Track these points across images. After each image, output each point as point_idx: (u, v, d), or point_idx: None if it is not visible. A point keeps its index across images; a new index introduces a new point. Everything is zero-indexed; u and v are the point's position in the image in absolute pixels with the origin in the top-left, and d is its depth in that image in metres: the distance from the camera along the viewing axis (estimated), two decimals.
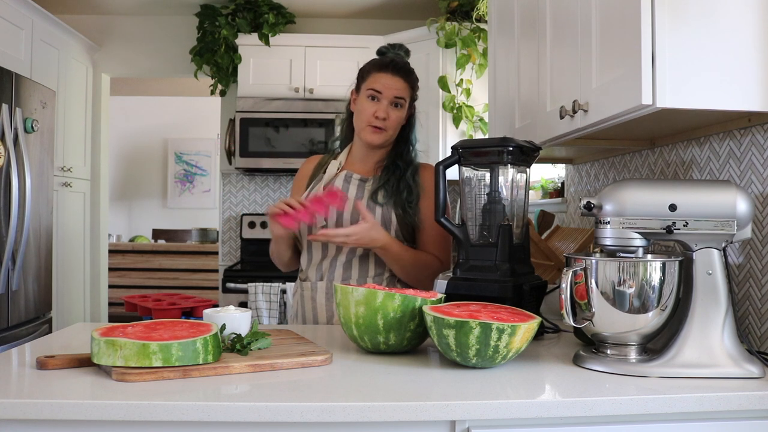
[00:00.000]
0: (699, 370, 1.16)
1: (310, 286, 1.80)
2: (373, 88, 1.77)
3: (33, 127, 3.01)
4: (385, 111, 1.76)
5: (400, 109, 1.79)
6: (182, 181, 7.69)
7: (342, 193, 1.73)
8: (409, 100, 1.82)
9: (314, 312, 1.78)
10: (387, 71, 1.79)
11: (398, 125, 1.81)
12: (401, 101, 1.79)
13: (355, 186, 1.81)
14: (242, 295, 3.54)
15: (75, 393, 1.03)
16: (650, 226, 1.20)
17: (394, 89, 1.77)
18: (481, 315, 1.20)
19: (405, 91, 1.79)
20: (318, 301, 1.77)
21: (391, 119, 1.78)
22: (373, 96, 1.77)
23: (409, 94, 1.82)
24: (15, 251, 2.89)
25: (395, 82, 1.77)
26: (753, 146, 1.38)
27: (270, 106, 3.87)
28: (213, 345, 1.17)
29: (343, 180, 1.82)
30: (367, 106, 1.77)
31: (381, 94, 1.76)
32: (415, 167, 1.84)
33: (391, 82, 1.77)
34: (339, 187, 1.79)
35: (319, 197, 1.67)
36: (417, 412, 0.99)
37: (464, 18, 3.63)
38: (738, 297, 1.41)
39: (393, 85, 1.77)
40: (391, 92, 1.76)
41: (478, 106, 3.65)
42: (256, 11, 3.99)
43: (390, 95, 1.76)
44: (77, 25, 4.20)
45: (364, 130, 1.79)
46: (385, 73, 1.78)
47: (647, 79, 1.15)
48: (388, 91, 1.76)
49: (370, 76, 1.80)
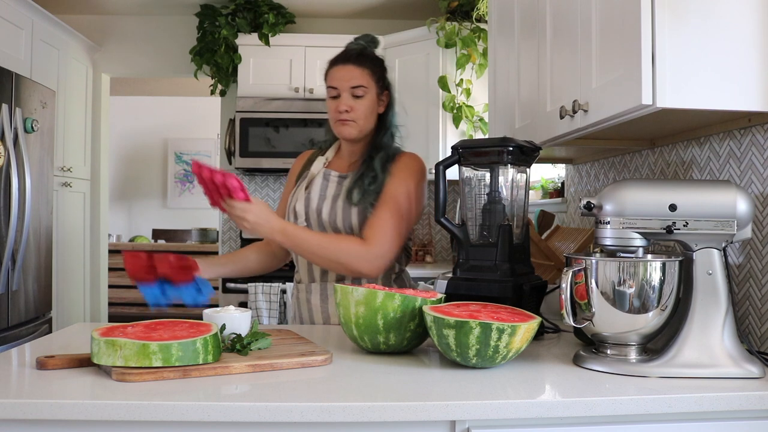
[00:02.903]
0: (699, 370, 1.16)
1: (305, 288, 1.79)
2: (329, 85, 1.74)
3: (33, 127, 3.01)
4: (346, 104, 1.70)
5: (363, 98, 1.72)
6: (182, 181, 7.69)
7: (232, 183, 1.50)
8: (375, 86, 1.74)
9: (310, 314, 1.78)
10: (338, 63, 1.75)
11: (368, 114, 1.73)
12: (361, 89, 1.71)
13: (334, 184, 1.77)
14: (242, 295, 3.54)
15: (75, 393, 1.03)
16: (650, 226, 1.20)
17: (348, 80, 1.71)
18: (481, 315, 1.20)
19: (362, 77, 1.71)
20: (313, 302, 1.77)
21: (357, 110, 1.71)
22: (333, 93, 1.73)
23: (370, 80, 1.73)
24: (15, 251, 2.89)
25: (347, 72, 1.72)
26: (753, 146, 1.38)
27: (270, 106, 3.87)
28: (213, 345, 1.17)
29: (322, 178, 1.79)
30: (330, 104, 1.74)
31: (337, 89, 1.72)
32: (390, 154, 1.76)
33: (343, 73, 1.72)
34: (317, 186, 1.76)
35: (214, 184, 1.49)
36: (417, 412, 0.99)
37: (464, 18, 3.63)
38: (738, 297, 1.41)
39: (346, 75, 1.71)
40: (346, 83, 1.71)
41: (478, 106, 3.65)
42: (256, 11, 3.99)
43: (346, 87, 1.71)
44: (77, 25, 4.20)
45: (335, 126, 1.75)
46: (336, 66, 1.74)
47: (647, 79, 1.15)
48: (343, 83, 1.71)
49: (328, 74, 1.76)
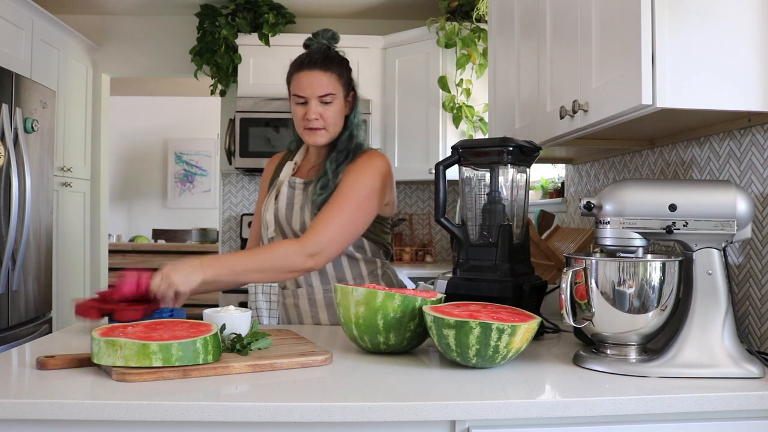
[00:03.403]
0: (699, 370, 1.16)
1: (291, 293, 1.78)
2: (296, 93, 1.67)
3: (33, 127, 3.01)
4: (315, 111, 1.66)
5: (332, 104, 1.67)
6: (182, 181, 7.69)
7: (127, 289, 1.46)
8: (342, 90, 1.70)
9: (300, 318, 1.77)
10: (304, 69, 1.67)
11: (337, 119, 1.70)
12: (329, 96, 1.66)
13: (300, 191, 1.74)
14: (242, 295, 3.53)
15: (75, 393, 1.03)
16: (650, 226, 1.20)
17: (316, 87, 1.65)
18: (481, 315, 1.20)
19: (329, 84, 1.66)
20: (302, 307, 1.76)
21: (326, 117, 1.67)
22: (299, 101, 1.68)
23: (337, 85, 1.68)
24: (15, 251, 2.89)
25: (315, 79, 1.65)
26: (753, 146, 1.38)
27: (270, 106, 3.87)
28: (213, 345, 1.17)
29: (287, 187, 1.76)
30: (297, 110, 1.69)
31: (304, 97, 1.66)
32: (348, 154, 1.71)
33: (310, 80, 1.65)
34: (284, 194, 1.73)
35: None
36: (417, 412, 0.99)
37: (464, 18, 3.62)
38: (738, 297, 1.41)
39: (313, 83, 1.65)
40: (314, 92, 1.65)
41: (478, 106, 3.65)
42: (256, 11, 3.99)
43: (314, 95, 1.65)
44: (77, 25, 4.20)
45: (303, 134, 1.71)
46: (302, 71, 1.67)
47: (647, 79, 1.15)
48: (311, 91, 1.65)
49: (292, 79, 1.70)
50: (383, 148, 3.94)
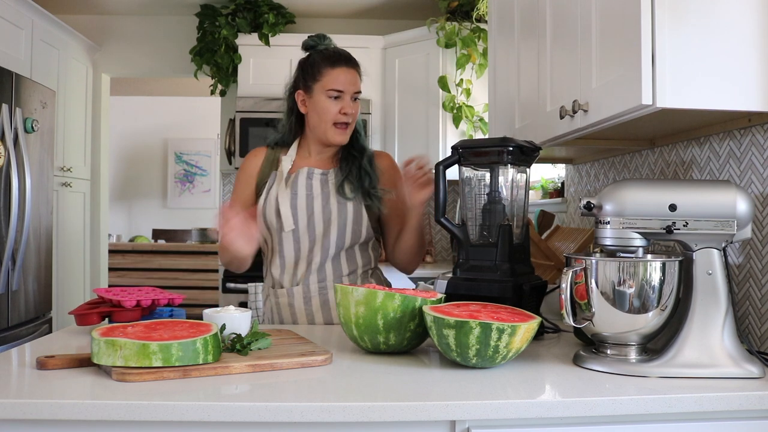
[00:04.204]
0: (699, 370, 1.16)
1: (286, 293, 1.77)
2: (333, 87, 1.71)
3: (33, 127, 3.01)
4: (351, 108, 1.72)
5: (358, 102, 1.77)
6: (182, 181, 7.69)
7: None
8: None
9: (293, 318, 1.77)
10: (341, 65, 1.74)
11: (357, 118, 1.79)
12: (359, 94, 1.76)
13: (318, 181, 1.76)
14: (242, 295, 3.54)
15: (75, 393, 1.03)
16: (650, 226, 1.20)
17: (353, 84, 1.73)
18: (481, 315, 1.20)
19: (359, 83, 1.76)
20: (297, 306, 1.76)
21: (354, 114, 1.75)
22: (335, 95, 1.71)
23: (361, 85, 1.79)
24: (15, 251, 2.89)
25: (353, 77, 1.74)
26: (753, 146, 1.38)
27: (270, 106, 3.87)
28: (213, 345, 1.17)
29: (305, 177, 1.76)
30: (329, 105, 1.71)
31: (342, 92, 1.71)
32: (370, 154, 1.82)
33: (349, 76, 1.73)
34: (302, 185, 1.76)
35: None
36: (417, 412, 0.99)
37: (464, 18, 3.63)
38: (738, 297, 1.41)
39: (351, 80, 1.73)
40: (351, 88, 1.73)
41: (478, 106, 3.65)
42: (256, 11, 3.99)
43: (351, 91, 1.73)
44: (77, 25, 4.20)
45: (329, 131, 1.73)
46: (340, 67, 1.73)
47: (647, 79, 1.15)
48: (349, 87, 1.72)
49: (325, 73, 1.73)
50: (383, 148, 3.94)
